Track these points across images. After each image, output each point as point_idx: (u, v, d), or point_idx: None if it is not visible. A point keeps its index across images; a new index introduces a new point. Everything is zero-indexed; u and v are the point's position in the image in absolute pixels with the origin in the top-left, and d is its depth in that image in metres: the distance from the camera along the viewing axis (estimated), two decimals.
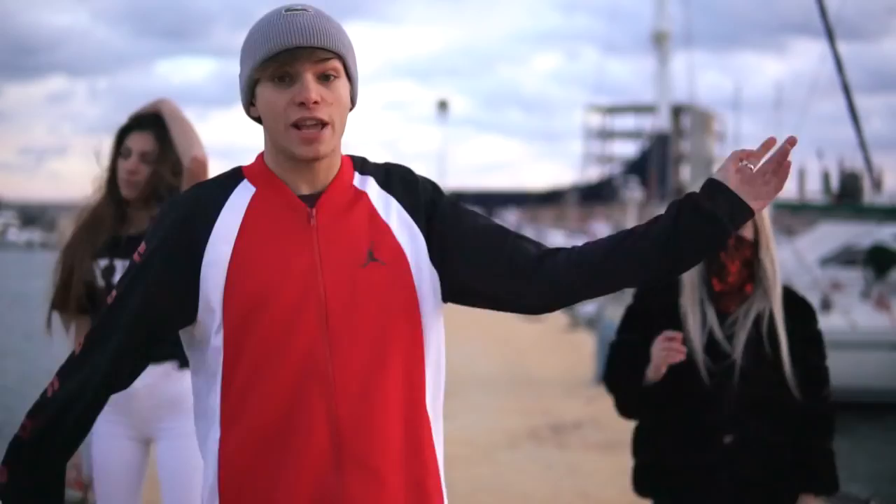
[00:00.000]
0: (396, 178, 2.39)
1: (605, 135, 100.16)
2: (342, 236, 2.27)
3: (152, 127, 4.09)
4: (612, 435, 10.26)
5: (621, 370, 3.78)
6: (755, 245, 3.64)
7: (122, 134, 4.11)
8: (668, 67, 33.56)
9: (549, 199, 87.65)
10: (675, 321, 3.67)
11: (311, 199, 2.29)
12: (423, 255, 2.32)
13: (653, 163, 34.20)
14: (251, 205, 2.30)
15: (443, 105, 53.96)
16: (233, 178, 2.36)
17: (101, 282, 4.01)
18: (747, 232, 3.60)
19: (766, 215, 3.57)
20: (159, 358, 4.00)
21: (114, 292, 2.34)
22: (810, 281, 17.83)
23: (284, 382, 2.22)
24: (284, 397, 2.22)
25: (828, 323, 15.96)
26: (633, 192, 29.02)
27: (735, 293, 3.69)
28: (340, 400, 2.22)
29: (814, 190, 24.00)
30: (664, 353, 3.52)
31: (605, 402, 12.75)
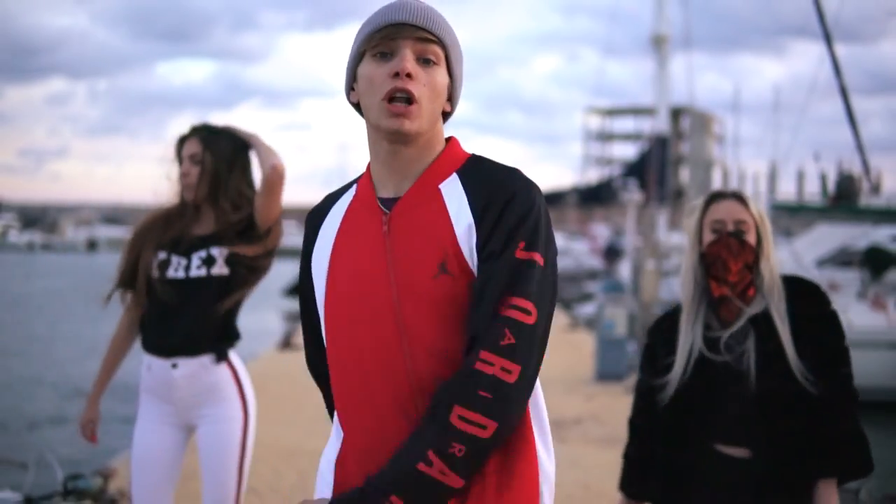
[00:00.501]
0: (489, 190, 2.28)
1: (605, 137, 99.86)
2: (414, 245, 2.25)
3: (198, 133, 4.45)
4: (611, 430, 10.50)
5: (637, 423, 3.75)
6: (757, 253, 3.55)
7: (179, 144, 4.49)
8: (667, 70, 33.52)
9: (548, 201, 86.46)
10: (671, 346, 3.60)
11: (392, 203, 2.30)
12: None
13: (652, 165, 34.07)
14: (349, 209, 2.38)
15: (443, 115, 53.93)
16: (351, 184, 2.46)
17: (155, 273, 4.31)
18: (751, 237, 3.54)
19: (768, 226, 3.58)
20: (197, 352, 4.30)
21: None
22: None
23: (373, 396, 2.25)
24: (375, 411, 2.24)
25: None
26: (633, 195, 29.04)
27: (736, 300, 3.56)
28: (422, 405, 2.21)
29: (813, 192, 24.11)
30: None
31: (604, 399, 13.05)
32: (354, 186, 2.42)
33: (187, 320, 4.30)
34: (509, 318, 2.16)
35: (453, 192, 2.29)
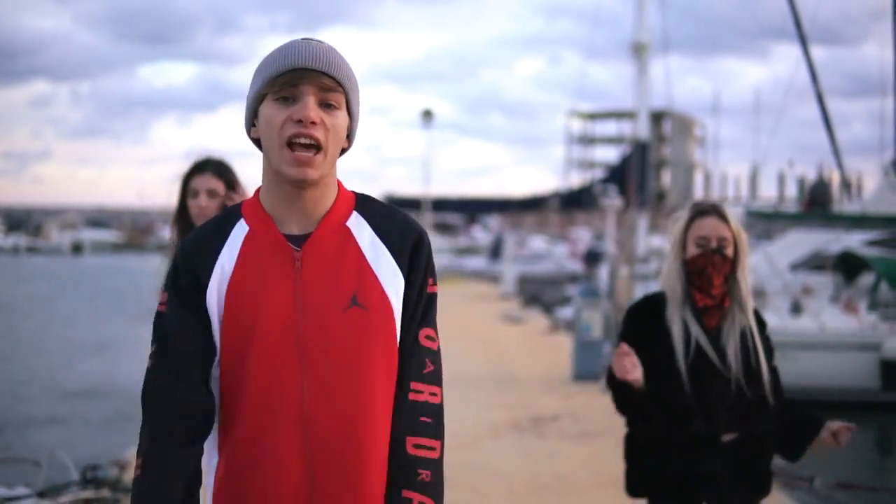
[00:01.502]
0: (394, 223, 2.42)
1: (587, 140, 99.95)
2: (326, 280, 2.32)
3: (212, 168, 4.80)
4: (586, 426, 10.98)
5: (612, 377, 3.98)
6: (734, 264, 3.92)
7: (188, 178, 4.79)
8: (648, 76, 33.91)
9: (531, 206, 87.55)
10: (663, 336, 3.94)
11: (300, 240, 2.35)
12: (401, 300, 2.38)
13: (632, 170, 34.38)
14: (244, 244, 2.37)
15: (427, 114, 53.77)
16: (232, 216, 2.44)
17: None
18: (730, 251, 3.91)
19: (744, 238, 3.99)
20: None
21: (152, 346, 2.42)
22: (781, 285, 18.45)
23: (263, 420, 2.29)
24: (262, 434, 2.29)
25: (798, 325, 16.66)
26: (613, 200, 29.44)
27: (716, 308, 3.93)
28: (316, 441, 2.28)
29: (793, 195, 24.63)
30: (618, 367, 3.83)
31: (580, 398, 13.50)
32: (242, 221, 2.41)
33: None
34: (425, 348, 2.39)
35: (361, 230, 2.38)
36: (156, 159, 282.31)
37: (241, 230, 2.39)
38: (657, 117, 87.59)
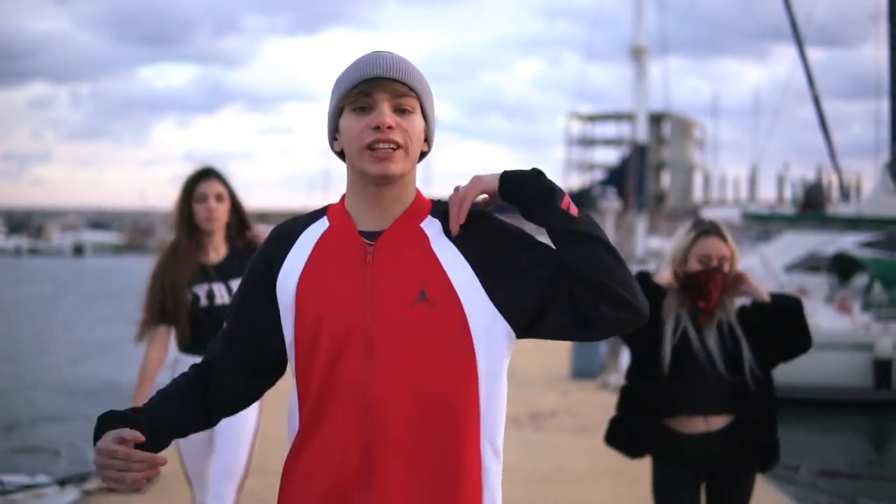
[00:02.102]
0: (464, 224, 2.43)
1: (587, 142, 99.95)
2: (396, 274, 2.36)
3: (216, 175, 5.14)
4: (583, 421, 11.32)
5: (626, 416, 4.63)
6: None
7: (192, 184, 5.10)
8: (647, 79, 34.21)
9: None
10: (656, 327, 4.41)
11: (374, 236, 2.40)
12: (484, 301, 2.36)
13: (630, 173, 34.65)
14: (321, 239, 2.45)
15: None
16: (316, 214, 2.54)
17: (205, 302, 5.04)
18: (727, 267, 4.42)
19: (738, 256, 4.48)
20: None
21: (227, 315, 2.57)
22: (776, 286, 18.80)
23: (328, 406, 2.35)
24: (327, 420, 2.35)
25: None
26: (611, 202, 29.75)
27: (709, 311, 4.45)
28: (375, 431, 2.31)
29: (792, 197, 24.88)
30: None
31: (578, 395, 13.84)
32: (325, 218, 2.51)
33: None
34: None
35: (434, 231, 2.42)
36: (156, 161, 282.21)
37: (320, 226, 2.48)
38: (656, 119, 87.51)
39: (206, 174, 5.14)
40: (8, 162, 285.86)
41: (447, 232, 2.42)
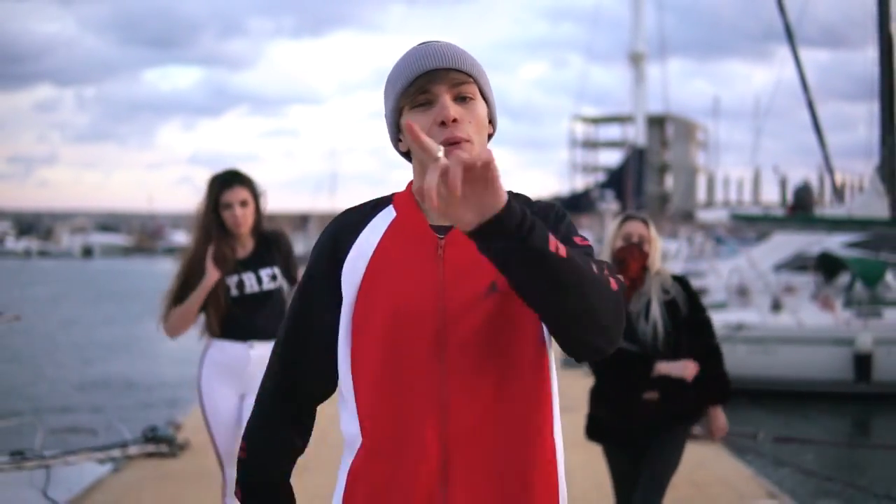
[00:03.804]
0: (534, 211, 2.32)
1: (591, 144, 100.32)
2: (467, 268, 2.24)
3: (238, 180, 5.46)
4: (568, 402, 12.18)
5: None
6: (648, 257, 5.12)
7: (217, 194, 5.41)
8: (644, 85, 34.96)
9: None
10: None
11: (445, 230, 2.29)
12: None
13: (629, 175, 35.35)
14: (390, 228, 2.34)
15: None
16: (382, 203, 2.42)
17: (235, 292, 5.43)
18: (646, 248, 5.12)
19: (658, 242, 5.21)
20: (269, 336, 5.40)
21: (288, 316, 2.46)
22: (762, 285, 19.58)
23: (402, 407, 2.23)
24: (402, 421, 2.22)
25: (778, 322, 17.73)
26: (609, 205, 30.50)
27: (631, 289, 5.08)
28: (454, 428, 2.20)
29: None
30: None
31: (566, 380, 14.53)
32: (391, 207, 2.39)
33: (262, 316, 5.41)
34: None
35: None
36: (162, 163, 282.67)
37: (388, 215, 2.37)
38: (659, 121, 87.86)
39: (229, 183, 5.40)
40: (14, 164, 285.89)
41: None
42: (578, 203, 66.21)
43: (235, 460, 4.78)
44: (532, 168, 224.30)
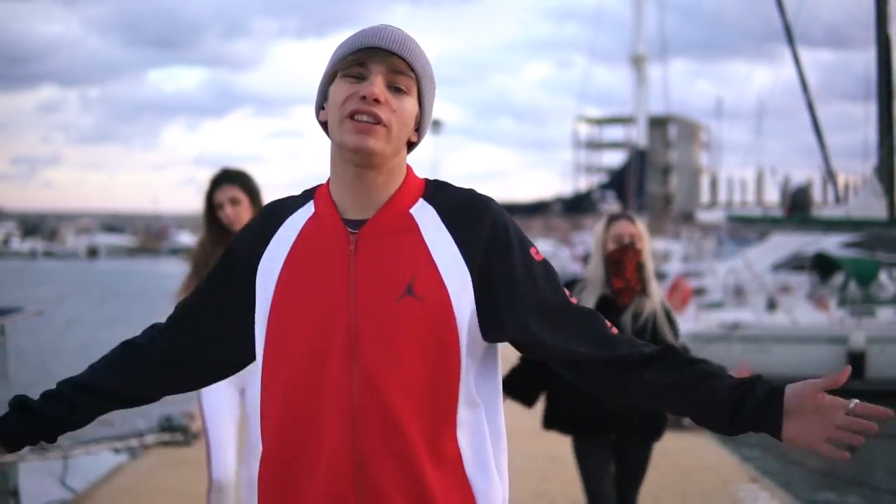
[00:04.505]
0: (462, 211, 2.24)
1: (594, 145, 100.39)
2: (381, 266, 2.18)
3: (228, 179, 5.38)
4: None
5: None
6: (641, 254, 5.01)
7: (210, 194, 5.37)
8: (646, 87, 35.25)
9: (536, 210, 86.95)
10: None
11: (359, 225, 2.22)
12: (469, 295, 2.18)
13: (630, 176, 35.61)
14: (306, 225, 2.28)
15: (435, 123, 54.81)
16: (304, 197, 2.36)
17: None
18: (639, 245, 4.99)
19: (647, 238, 5.13)
20: None
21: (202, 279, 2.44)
22: (758, 285, 19.96)
23: (310, 409, 2.17)
24: (309, 423, 2.17)
25: (773, 320, 18.10)
26: (610, 205, 30.78)
27: (629, 290, 4.99)
28: (364, 432, 2.13)
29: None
30: None
31: None
32: (311, 203, 2.33)
33: None
34: (579, 309, 2.31)
35: (426, 218, 2.23)
36: (166, 164, 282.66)
37: (306, 212, 2.31)
38: (662, 123, 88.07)
39: (218, 181, 5.38)
40: (18, 165, 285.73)
41: (444, 217, 2.24)
42: (580, 204, 66.21)
43: (223, 456, 5.14)
44: (536, 168, 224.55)
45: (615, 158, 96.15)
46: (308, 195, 2.35)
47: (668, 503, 7.74)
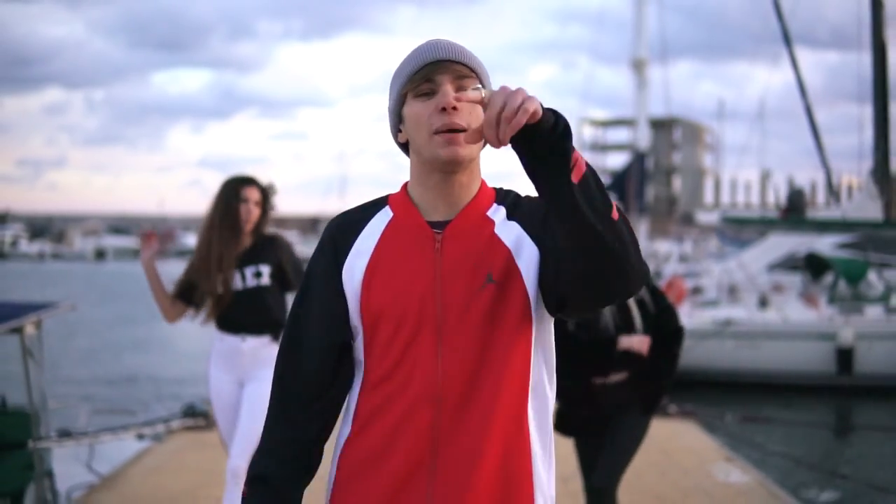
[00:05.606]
0: (523, 204, 2.41)
1: (599, 147, 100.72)
2: (466, 262, 2.31)
3: (257, 184, 5.82)
4: None
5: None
6: None
7: (237, 186, 5.73)
8: (646, 91, 35.65)
9: None
10: None
11: (442, 226, 2.35)
12: (535, 265, 2.32)
13: (632, 178, 35.93)
14: (387, 228, 2.39)
15: None
16: (377, 204, 2.47)
17: (239, 285, 5.71)
18: None
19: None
20: (260, 331, 5.68)
21: (290, 315, 2.48)
22: (751, 284, 20.47)
23: (400, 397, 2.29)
24: (398, 410, 2.29)
25: (765, 318, 18.68)
26: None
27: None
28: (445, 417, 2.26)
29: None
30: None
31: None
32: (387, 208, 2.44)
33: (248, 311, 5.69)
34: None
35: (500, 217, 2.37)
36: (171, 166, 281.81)
37: (384, 216, 2.42)
38: (666, 125, 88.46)
39: (252, 181, 5.76)
40: (23, 167, 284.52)
41: (511, 215, 2.39)
42: None
43: (235, 442, 5.47)
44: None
45: (619, 160, 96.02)
46: (380, 203, 2.46)
47: (648, 478, 8.36)
